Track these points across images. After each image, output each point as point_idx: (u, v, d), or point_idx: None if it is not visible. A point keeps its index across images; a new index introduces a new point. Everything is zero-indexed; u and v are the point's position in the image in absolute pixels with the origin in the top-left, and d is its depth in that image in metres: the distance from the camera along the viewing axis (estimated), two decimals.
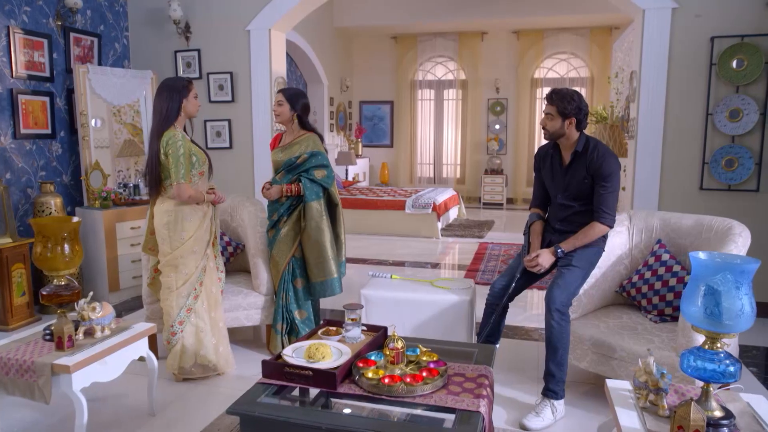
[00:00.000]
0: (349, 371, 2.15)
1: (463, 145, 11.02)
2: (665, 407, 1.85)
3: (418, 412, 2.44)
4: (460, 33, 10.54)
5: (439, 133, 11.18)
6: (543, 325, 4.05)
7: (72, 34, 4.75)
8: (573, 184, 2.94)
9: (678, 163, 4.27)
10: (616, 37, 9.51)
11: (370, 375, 2.07)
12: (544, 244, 3.07)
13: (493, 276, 5.47)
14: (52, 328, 2.55)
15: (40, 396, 2.34)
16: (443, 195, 8.11)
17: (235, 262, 3.95)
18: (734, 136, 4.12)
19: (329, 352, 2.21)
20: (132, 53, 5.46)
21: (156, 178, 3.06)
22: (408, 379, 2.03)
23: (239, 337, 3.87)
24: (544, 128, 2.92)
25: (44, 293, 2.55)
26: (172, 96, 3.03)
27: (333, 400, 2.64)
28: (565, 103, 2.82)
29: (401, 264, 6.07)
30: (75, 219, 2.59)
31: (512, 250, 6.65)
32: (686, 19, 4.14)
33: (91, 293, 2.62)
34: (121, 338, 2.59)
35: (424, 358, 2.22)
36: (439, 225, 7.57)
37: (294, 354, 2.23)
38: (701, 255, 1.80)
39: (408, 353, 2.22)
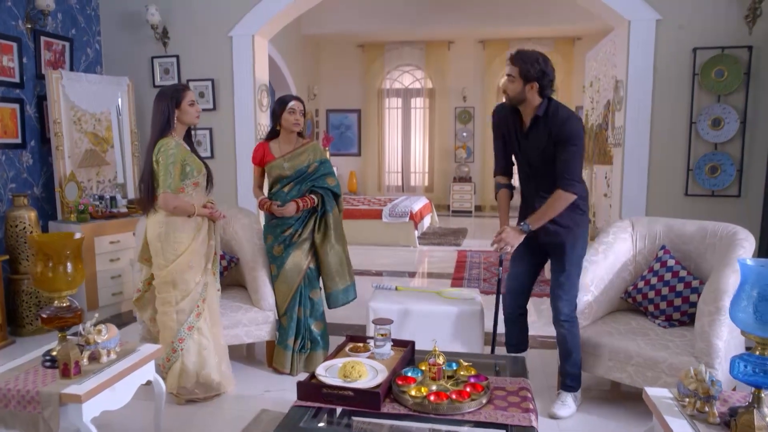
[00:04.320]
0: (387, 389, 2.07)
1: (431, 153, 11.08)
2: (716, 415, 1.85)
3: (447, 428, 2.38)
4: (427, 42, 10.62)
5: (406, 141, 11.20)
6: (541, 333, 4.13)
7: (43, 38, 4.48)
8: (538, 153, 2.73)
9: (664, 170, 4.38)
10: (581, 48, 9.79)
11: (413, 393, 2.00)
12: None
13: (480, 284, 5.47)
14: (53, 353, 2.36)
15: (46, 429, 2.14)
16: (418, 203, 8.10)
17: (229, 277, 3.79)
18: (716, 143, 4.27)
19: (365, 371, 2.13)
20: (105, 59, 5.21)
21: (149, 188, 2.92)
22: (454, 396, 1.97)
23: (233, 354, 3.70)
24: (504, 92, 2.75)
25: (44, 316, 2.36)
26: (163, 106, 2.92)
27: (354, 419, 2.56)
28: (528, 65, 2.60)
29: (384, 274, 6.01)
30: (77, 235, 2.41)
31: (492, 257, 6.69)
32: (670, 30, 4.27)
33: (96, 315, 2.43)
34: (129, 362, 2.41)
35: (462, 373, 2.16)
36: (416, 233, 7.55)
37: (327, 373, 2.14)
38: (749, 261, 1.82)
39: (445, 368, 2.16)
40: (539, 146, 2.72)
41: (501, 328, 3.05)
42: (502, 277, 3.06)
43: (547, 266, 3.07)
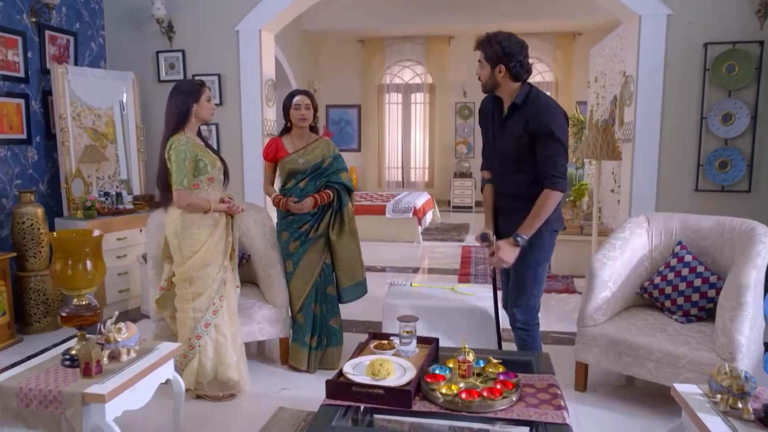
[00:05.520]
0: (416, 387, 2.05)
1: (431, 148, 11.06)
2: (750, 411, 1.84)
3: (473, 425, 2.37)
4: (427, 37, 10.58)
5: (407, 136, 11.16)
6: (554, 329, 4.13)
7: (47, 32, 4.41)
8: (510, 144, 2.59)
9: (674, 165, 4.37)
10: (582, 43, 9.79)
11: (444, 390, 1.98)
12: (499, 215, 2.85)
13: (486, 279, 5.46)
14: (73, 352, 2.33)
15: (69, 429, 2.11)
16: (421, 199, 8.09)
17: (241, 273, 3.69)
18: (727, 138, 4.26)
19: (393, 368, 2.11)
20: (108, 53, 5.14)
21: (166, 186, 2.90)
22: (485, 393, 1.95)
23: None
24: (478, 78, 2.62)
25: (63, 314, 2.33)
26: (182, 99, 2.89)
27: (377, 416, 2.54)
28: (487, 47, 2.49)
29: (387, 270, 6.00)
30: (96, 233, 2.38)
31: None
32: (681, 25, 4.25)
33: (116, 313, 2.40)
34: (149, 361, 2.38)
35: (490, 370, 2.14)
36: (420, 229, 7.54)
37: (355, 371, 2.11)
38: None
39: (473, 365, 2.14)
40: (514, 136, 2.56)
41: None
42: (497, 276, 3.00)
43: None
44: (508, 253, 2.56)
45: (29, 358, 3.52)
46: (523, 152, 2.56)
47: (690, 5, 4.23)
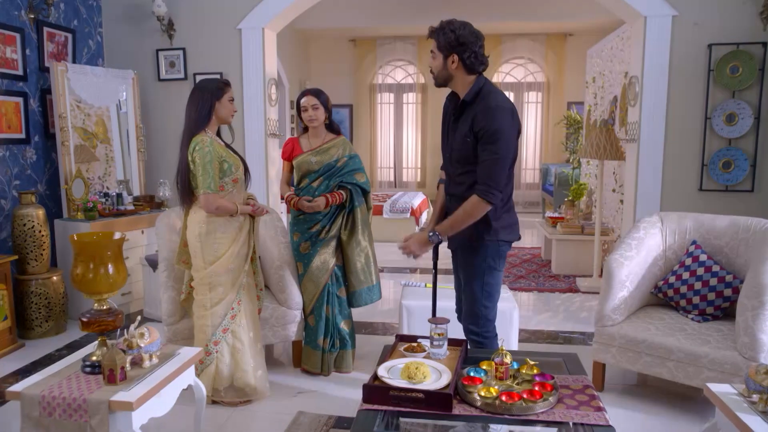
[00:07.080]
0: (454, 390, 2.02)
1: (424, 149, 11.04)
2: None
3: (509, 428, 2.34)
4: (419, 37, 10.55)
5: (399, 137, 11.13)
6: (562, 328, 4.15)
7: (46, 29, 4.30)
8: (459, 144, 2.40)
9: (678, 165, 4.41)
10: (573, 44, 9.86)
11: (482, 393, 1.95)
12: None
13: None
14: (94, 358, 2.26)
15: None
16: (417, 199, 8.07)
17: None
18: (731, 139, 4.31)
19: (428, 371, 2.08)
20: (107, 51, 5.03)
21: (186, 187, 2.82)
22: (526, 395, 1.93)
23: None
24: (431, 72, 2.46)
25: (84, 320, 2.26)
26: (203, 98, 2.79)
27: (403, 420, 2.51)
28: (440, 35, 2.33)
29: (385, 270, 5.98)
30: (117, 235, 2.31)
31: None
32: (685, 26, 4.29)
33: (139, 318, 2.33)
34: (173, 367, 2.32)
35: (526, 371, 2.13)
36: (417, 229, 7.52)
37: (390, 375, 2.08)
38: None
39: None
40: (461, 135, 2.38)
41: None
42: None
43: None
44: (418, 246, 2.46)
45: (33, 363, 3.47)
46: (468, 154, 2.37)
47: (695, 7, 4.27)
